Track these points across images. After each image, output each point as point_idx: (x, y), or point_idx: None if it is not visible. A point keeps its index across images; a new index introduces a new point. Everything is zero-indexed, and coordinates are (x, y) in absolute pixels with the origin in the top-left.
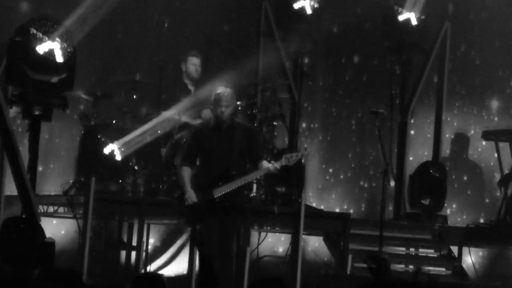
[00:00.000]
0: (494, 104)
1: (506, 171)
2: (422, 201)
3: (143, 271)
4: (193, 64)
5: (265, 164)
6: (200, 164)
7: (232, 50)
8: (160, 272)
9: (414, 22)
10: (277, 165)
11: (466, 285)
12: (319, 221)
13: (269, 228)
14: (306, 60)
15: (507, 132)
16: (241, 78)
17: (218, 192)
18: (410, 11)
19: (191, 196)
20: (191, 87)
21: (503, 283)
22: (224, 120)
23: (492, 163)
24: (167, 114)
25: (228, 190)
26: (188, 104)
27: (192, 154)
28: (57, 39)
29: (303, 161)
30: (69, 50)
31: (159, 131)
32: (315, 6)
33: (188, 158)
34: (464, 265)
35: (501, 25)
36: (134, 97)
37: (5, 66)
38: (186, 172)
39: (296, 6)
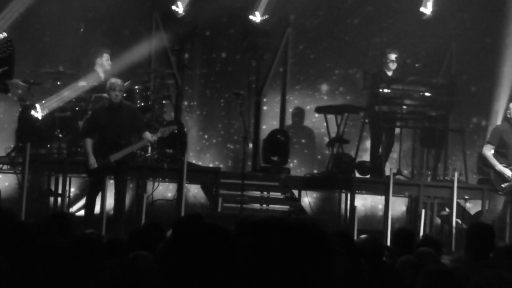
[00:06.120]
0: (324, 87)
1: (332, 135)
2: (272, 158)
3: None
4: (106, 58)
5: (147, 135)
6: (98, 136)
7: (131, 48)
8: (79, 212)
9: (261, 25)
10: (155, 137)
11: (305, 219)
12: (198, 174)
13: (160, 179)
14: (186, 55)
15: (332, 108)
16: (138, 68)
17: (114, 158)
18: (260, 15)
19: (93, 161)
20: (101, 74)
21: (330, 217)
22: (116, 102)
23: (322, 130)
24: (79, 91)
25: (121, 156)
26: (97, 86)
27: (92, 128)
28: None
29: (175, 132)
30: (9, 49)
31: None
32: (184, 8)
33: (89, 131)
34: (303, 204)
35: (329, 29)
36: (58, 83)
37: None
38: (89, 142)
39: (173, 8)
